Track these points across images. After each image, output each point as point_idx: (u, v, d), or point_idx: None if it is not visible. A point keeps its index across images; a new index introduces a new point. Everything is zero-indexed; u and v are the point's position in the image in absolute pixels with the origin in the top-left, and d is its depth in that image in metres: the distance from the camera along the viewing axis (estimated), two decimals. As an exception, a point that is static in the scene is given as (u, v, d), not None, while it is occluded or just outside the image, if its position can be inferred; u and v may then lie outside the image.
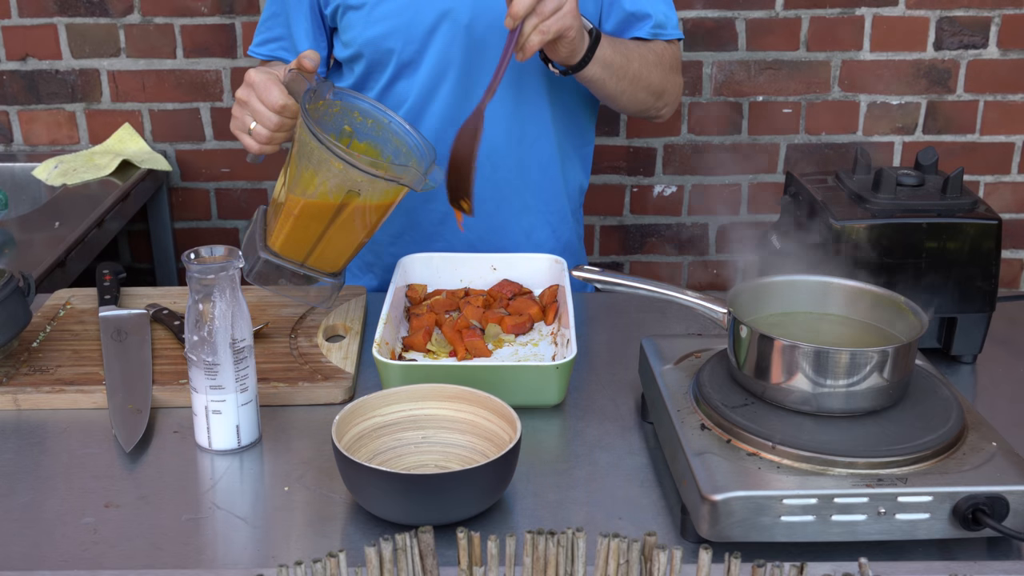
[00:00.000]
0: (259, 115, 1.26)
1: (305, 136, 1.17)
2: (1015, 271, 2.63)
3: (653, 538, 0.72)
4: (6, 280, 1.21)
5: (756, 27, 2.37)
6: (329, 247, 1.26)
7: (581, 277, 1.16)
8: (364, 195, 1.20)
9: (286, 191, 1.23)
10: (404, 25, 1.47)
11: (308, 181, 1.19)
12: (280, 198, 1.25)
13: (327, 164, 1.17)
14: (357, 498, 0.97)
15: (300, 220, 1.23)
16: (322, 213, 1.22)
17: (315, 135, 1.15)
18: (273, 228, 1.26)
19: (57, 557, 0.92)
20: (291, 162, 1.22)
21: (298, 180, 1.20)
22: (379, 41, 1.48)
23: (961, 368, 1.26)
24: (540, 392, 1.15)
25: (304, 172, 1.19)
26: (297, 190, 1.21)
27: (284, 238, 1.25)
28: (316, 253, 1.26)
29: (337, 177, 1.18)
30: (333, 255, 1.28)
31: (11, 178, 2.23)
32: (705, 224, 2.56)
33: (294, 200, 1.22)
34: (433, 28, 1.46)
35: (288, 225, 1.24)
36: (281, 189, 1.25)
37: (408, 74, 1.50)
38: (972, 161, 2.48)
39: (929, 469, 0.91)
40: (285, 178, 1.24)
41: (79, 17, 2.33)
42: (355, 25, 1.49)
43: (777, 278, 1.11)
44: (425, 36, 1.47)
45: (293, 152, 1.22)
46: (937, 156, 1.28)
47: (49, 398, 1.17)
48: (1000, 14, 2.37)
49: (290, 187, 1.22)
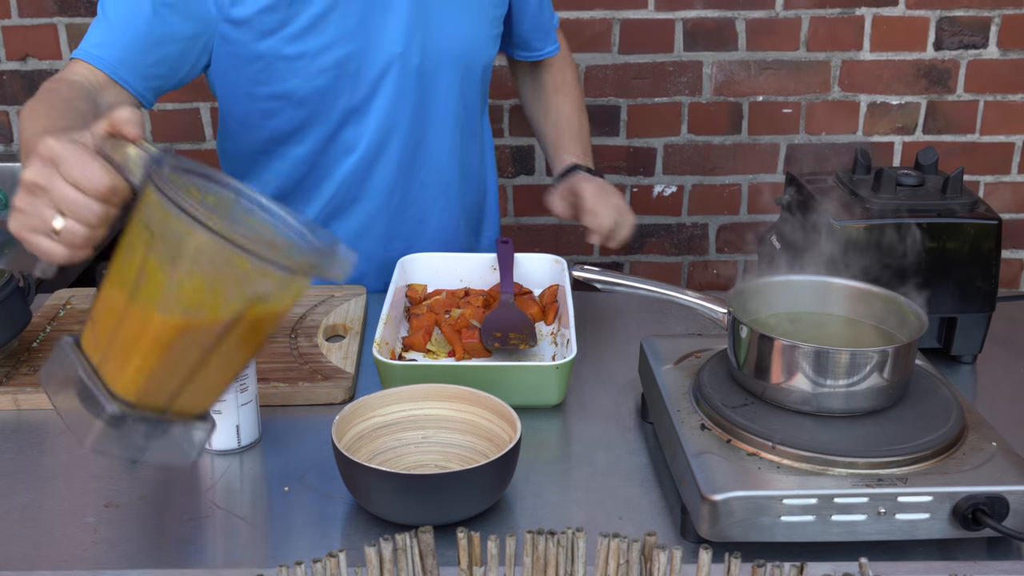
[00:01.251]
0: (72, 205, 0.84)
1: (177, 227, 0.80)
2: (1015, 271, 2.63)
3: (653, 538, 0.72)
4: (6, 280, 1.21)
5: (756, 27, 2.37)
6: (206, 381, 0.88)
7: (581, 277, 1.16)
8: (272, 301, 0.86)
9: (133, 306, 0.84)
10: (352, 72, 1.38)
11: (182, 291, 0.82)
12: (117, 317, 0.85)
13: (228, 266, 0.81)
14: (357, 498, 0.97)
15: (171, 349, 0.84)
16: (206, 335, 0.84)
17: (203, 224, 0.79)
18: (113, 364, 0.85)
19: (57, 557, 0.92)
20: (137, 266, 0.84)
21: (162, 291, 0.83)
22: (325, 91, 1.39)
23: (961, 368, 1.26)
24: (540, 392, 1.15)
25: (174, 279, 0.82)
26: (160, 305, 0.83)
27: (145, 378, 0.84)
28: (187, 393, 0.87)
29: (241, 282, 0.83)
30: (207, 391, 0.90)
31: (11, 178, 2.23)
32: (705, 224, 2.56)
33: (158, 320, 0.83)
34: (383, 73, 1.40)
35: (151, 358, 0.84)
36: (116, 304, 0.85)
37: (356, 120, 1.43)
38: (972, 161, 2.48)
39: (929, 469, 0.91)
40: (123, 288, 0.85)
41: (79, 17, 2.33)
42: (293, 75, 1.36)
43: (777, 278, 1.11)
44: (374, 82, 1.40)
45: (139, 252, 0.84)
46: (937, 156, 1.28)
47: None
48: (1000, 14, 2.37)
49: (143, 301, 0.83)
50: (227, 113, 1.46)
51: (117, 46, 1.28)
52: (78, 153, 0.83)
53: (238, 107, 1.43)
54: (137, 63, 1.29)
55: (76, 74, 1.26)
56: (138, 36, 1.28)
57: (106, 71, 1.27)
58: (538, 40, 1.62)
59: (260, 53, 1.34)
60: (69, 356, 0.87)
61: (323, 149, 1.45)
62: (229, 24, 1.32)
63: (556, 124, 1.62)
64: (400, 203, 1.51)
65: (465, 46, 1.46)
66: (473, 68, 1.49)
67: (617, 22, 2.37)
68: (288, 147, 1.45)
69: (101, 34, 1.29)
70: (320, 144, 1.44)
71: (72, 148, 0.83)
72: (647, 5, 2.36)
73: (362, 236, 1.51)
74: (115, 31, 1.28)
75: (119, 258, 0.86)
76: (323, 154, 1.45)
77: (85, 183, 0.83)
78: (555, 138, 1.61)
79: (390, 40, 1.38)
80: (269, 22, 1.32)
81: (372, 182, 1.48)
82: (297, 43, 1.34)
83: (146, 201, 0.83)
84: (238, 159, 1.50)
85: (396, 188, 1.49)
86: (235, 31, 1.32)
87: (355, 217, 1.50)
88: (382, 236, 1.52)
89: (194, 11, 1.30)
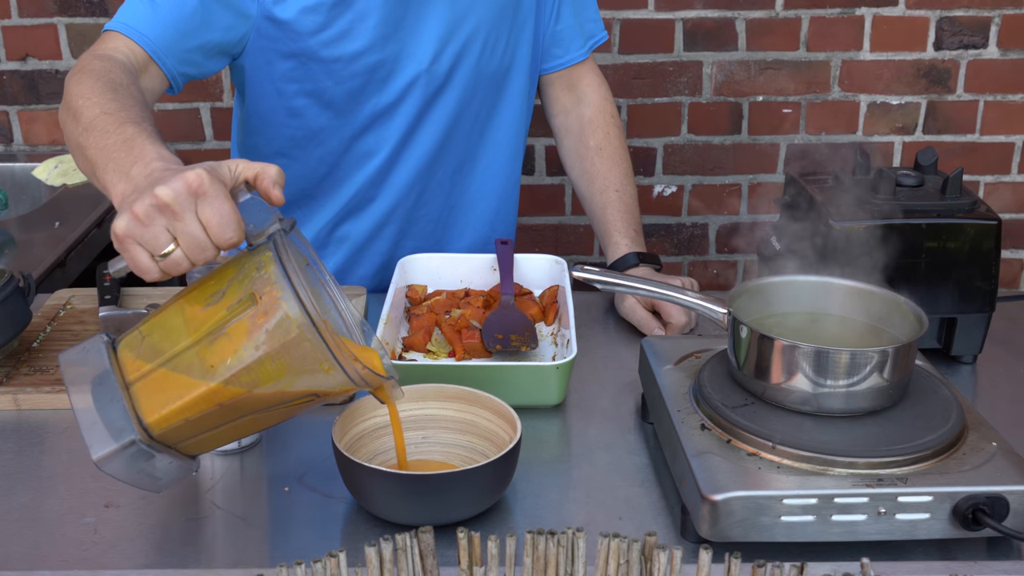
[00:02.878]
0: (192, 242, 0.83)
1: (287, 314, 0.82)
2: (1015, 271, 2.63)
3: (653, 538, 0.72)
4: (6, 280, 1.21)
5: (756, 27, 2.37)
6: (226, 436, 0.91)
7: (581, 277, 1.16)
8: (323, 395, 0.89)
9: (199, 357, 0.85)
10: (381, 78, 1.40)
11: (260, 369, 0.84)
12: (176, 354, 0.86)
13: (315, 363, 0.84)
14: (357, 498, 0.97)
15: (219, 408, 0.86)
16: (255, 406, 0.87)
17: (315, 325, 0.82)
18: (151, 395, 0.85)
19: (57, 557, 0.92)
20: (220, 318, 0.84)
21: (238, 358, 0.83)
22: (354, 94, 1.40)
23: (961, 368, 1.26)
24: (540, 392, 1.15)
25: (257, 355, 0.83)
26: (229, 367, 0.84)
27: (179, 422, 0.86)
28: (203, 440, 0.89)
29: (315, 377, 0.85)
30: (220, 442, 0.92)
31: (11, 178, 2.23)
32: (705, 224, 2.56)
33: (220, 383, 0.84)
34: (412, 82, 1.41)
35: (195, 409, 0.85)
36: (179, 339, 0.86)
37: (379, 126, 1.44)
38: (972, 161, 2.48)
39: (929, 469, 0.91)
40: (194, 328, 0.85)
41: (79, 17, 2.33)
42: (326, 76, 1.38)
43: (777, 278, 1.11)
44: (402, 89, 1.41)
45: (230, 306, 0.84)
46: (937, 156, 1.28)
47: (49, 398, 1.17)
48: (1000, 14, 2.37)
49: (211, 357, 0.84)
50: (252, 110, 1.46)
51: (161, 25, 1.27)
52: (222, 198, 0.83)
53: (264, 104, 1.43)
54: (178, 46, 1.28)
55: (117, 51, 1.24)
56: (182, 19, 1.27)
57: (147, 49, 1.26)
58: (556, 47, 1.57)
59: (296, 52, 1.36)
60: (102, 357, 0.87)
61: (344, 152, 1.45)
62: (269, 22, 1.33)
63: (603, 192, 1.54)
64: (415, 204, 1.51)
65: (499, 60, 1.47)
66: (503, 81, 1.49)
67: (617, 22, 2.37)
68: (309, 149, 1.46)
69: (145, 11, 1.27)
70: (341, 147, 1.45)
71: (218, 190, 0.83)
72: (647, 5, 2.36)
73: (374, 236, 1.52)
74: (160, 10, 1.27)
75: (200, 294, 0.86)
76: (343, 157, 1.46)
77: (215, 230, 0.83)
78: (601, 212, 1.53)
79: (422, 48, 1.40)
80: (309, 23, 1.33)
81: (389, 185, 1.49)
82: (335, 46, 1.35)
83: (257, 263, 0.84)
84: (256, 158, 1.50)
85: (412, 191, 1.50)
86: (274, 29, 1.33)
87: (369, 217, 1.51)
88: (393, 236, 1.53)
89: (237, 5, 1.31)
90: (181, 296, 0.88)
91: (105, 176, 0.97)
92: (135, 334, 0.88)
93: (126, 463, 0.85)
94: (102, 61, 1.20)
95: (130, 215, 0.83)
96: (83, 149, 1.04)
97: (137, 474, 0.86)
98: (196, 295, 0.87)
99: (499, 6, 1.44)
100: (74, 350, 0.88)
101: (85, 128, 1.05)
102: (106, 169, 0.97)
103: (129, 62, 1.23)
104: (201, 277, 0.89)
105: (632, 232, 1.50)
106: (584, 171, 1.57)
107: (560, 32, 1.56)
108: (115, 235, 0.84)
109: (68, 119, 1.11)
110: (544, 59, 1.58)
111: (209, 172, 0.83)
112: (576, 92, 1.61)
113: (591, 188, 1.56)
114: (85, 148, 1.03)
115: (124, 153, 0.96)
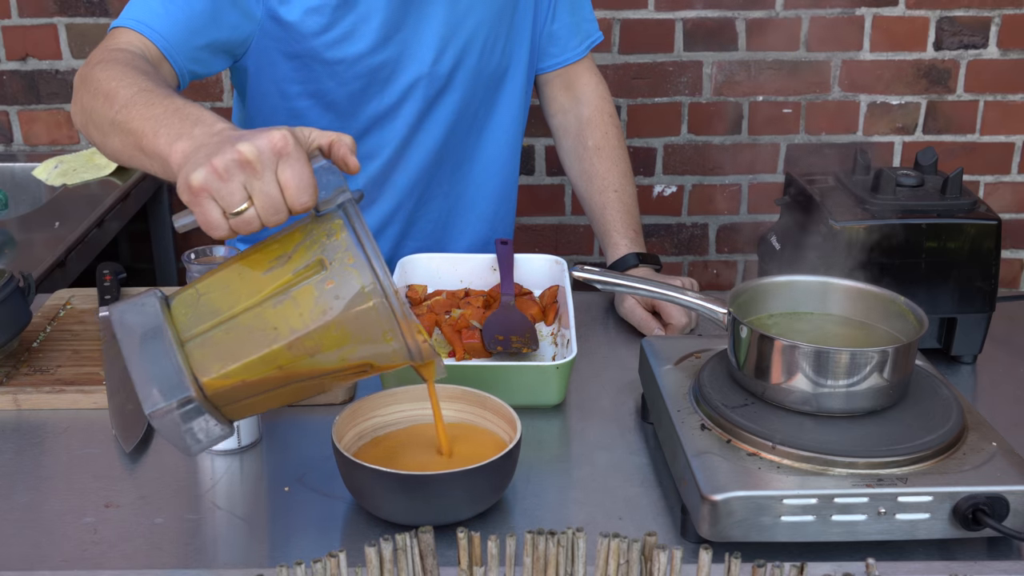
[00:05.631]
0: (267, 202, 0.82)
1: (357, 282, 0.83)
2: (1015, 271, 2.63)
3: (653, 538, 0.72)
4: (6, 280, 1.21)
5: (756, 27, 2.37)
6: (271, 402, 0.90)
7: (581, 277, 1.16)
8: (376, 366, 0.89)
9: (261, 318, 0.84)
10: (383, 79, 1.40)
11: (324, 335, 0.84)
12: (236, 313, 0.85)
13: (378, 333, 0.84)
14: (357, 498, 0.97)
15: (277, 371, 0.85)
16: (311, 372, 0.86)
17: (384, 294, 0.83)
18: (209, 355, 0.84)
19: (57, 557, 0.92)
20: (286, 281, 0.84)
21: (302, 323, 0.83)
22: (356, 95, 1.40)
23: (961, 368, 1.26)
24: (540, 392, 1.15)
25: (323, 321, 0.83)
26: (292, 331, 0.84)
27: (234, 384, 0.85)
28: (247, 404, 0.88)
29: (374, 347, 0.85)
30: (262, 408, 0.91)
31: (11, 178, 2.23)
32: (705, 224, 2.56)
33: (282, 347, 0.84)
34: (413, 83, 1.41)
35: (253, 372, 0.85)
36: (240, 298, 0.85)
37: (381, 128, 1.44)
38: (972, 161, 2.48)
39: (929, 469, 0.91)
40: (257, 289, 0.85)
41: (79, 17, 2.33)
42: (329, 78, 1.38)
43: (777, 278, 1.11)
44: (403, 91, 1.42)
45: (296, 270, 0.84)
46: (937, 156, 1.28)
47: (49, 398, 1.17)
48: (1000, 14, 2.37)
49: (276, 319, 0.84)
50: (253, 112, 1.46)
51: (172, 21, 1.25)
52: (303, 161, 0.82)
53: (266, 106, 1.43)
54: (188, 44, 1.27)
55: (131, 44, 1.22)
56: (193, 16, 1.26)
57: (159, 45, 1.24)
58: (553, 47, 1.58)
59: (299, 53, 1.36)
60: (156, 312, 0.84)
61: None
62: (274, 22, 1.33)
63: (602, 192, 1.54)
64: (416, 205, 1.52)
65: (498, 60, 1.47)
66: (501, 81, 1.49)
67: (617, 22, 2.37)
68: None
69: (156, 7, 1.25)
70: None
71: (300, 153, 0.82)
72: (647, 5, 2.36)
73: (376, 238, 1.52)
74: (170, 7, 1.25)
75: (263, 256, 0.85)
76: None
77: (292, 192, 0.82)
78: (600, 212, 1.53)
79: (423, 50, 1.40)
80: (313, 24, 1.33)
81: (390, 187, 1.49)
82: (338, 47, 1.35)
83: (327, 230, 0.84)
84: None
85: (413, 192, 1.50)
86: (279, 29, 1.33)
87: (370, 219, 1.50)
88: (395, 237, 1.53)
89: (244, 4, 1.31)
90: (239, 258, 0.87)
91: (157, 140, 0.95)
92: (191, 292, 0.87)
93: (178, 420, 0.83)
94: (122, 52, 1.19)
95: (209, 168, 0.81)
96: (123, 124, 1.02)
97: (184, 433, 0.84)
98: (259, 258, 0.86)
99: (498, 7, 1.44)
100: (124, 304, 0.85)
101: (124, 104, 1.03)
102: (157, 135, 0.95)
103: (143, 55, 1.22)
104: (262, 240, 0.88)
105: (632, 232, 1.50)
106: (583, 171, 1.57)
107: (557, 31, 1.56)
108: (189, 187, 0.82)
109: (98, 102, 1.09)
110: (541, 58, 1.58)
111: (294, 134, 0.83)
112: (574, 92, 1.61)
113: (590, 188, 1.56)
114: (126, 122, 1.01)
115: (178, 119, 0.95)
